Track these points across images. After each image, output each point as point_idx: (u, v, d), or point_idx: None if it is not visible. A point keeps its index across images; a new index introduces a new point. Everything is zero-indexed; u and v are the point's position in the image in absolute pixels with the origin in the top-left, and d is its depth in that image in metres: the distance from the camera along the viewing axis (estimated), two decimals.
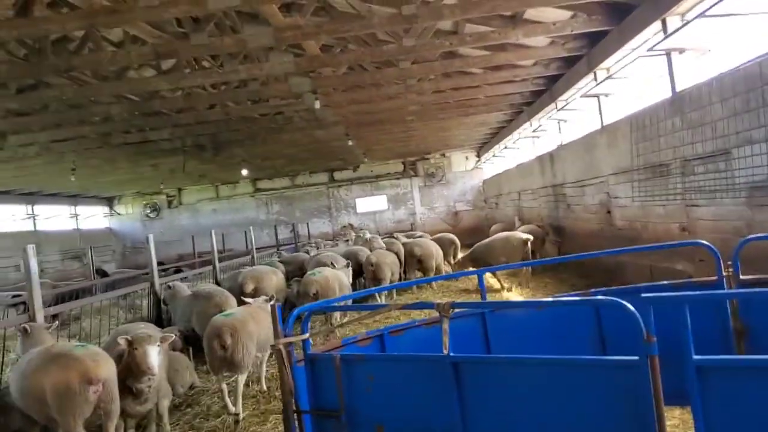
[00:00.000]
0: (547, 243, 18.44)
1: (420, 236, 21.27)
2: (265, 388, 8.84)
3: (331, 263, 13.67)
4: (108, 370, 5.98)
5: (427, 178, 34.65)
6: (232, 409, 7.80)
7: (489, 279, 15.99)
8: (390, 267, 14.94)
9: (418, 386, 4.20)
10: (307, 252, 20.64)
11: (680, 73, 9.74)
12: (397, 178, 34.75)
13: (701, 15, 8.29)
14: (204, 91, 13.54)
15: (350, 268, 14.70)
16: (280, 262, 16.59)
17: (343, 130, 20.26)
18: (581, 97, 14.38)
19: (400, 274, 15.97)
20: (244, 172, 26.20)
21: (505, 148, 26.76)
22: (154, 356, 6.42)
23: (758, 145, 7.41)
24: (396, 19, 9.62)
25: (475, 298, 14.00)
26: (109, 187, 30.06)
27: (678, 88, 9.46)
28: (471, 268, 15.07)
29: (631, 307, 3.29)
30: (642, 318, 3.27)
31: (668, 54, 9.55)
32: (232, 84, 13.49)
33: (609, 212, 13.19)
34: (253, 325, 8.51)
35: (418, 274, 16.53)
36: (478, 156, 34.00)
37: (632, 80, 12.27)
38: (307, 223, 32.76)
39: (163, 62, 12.02)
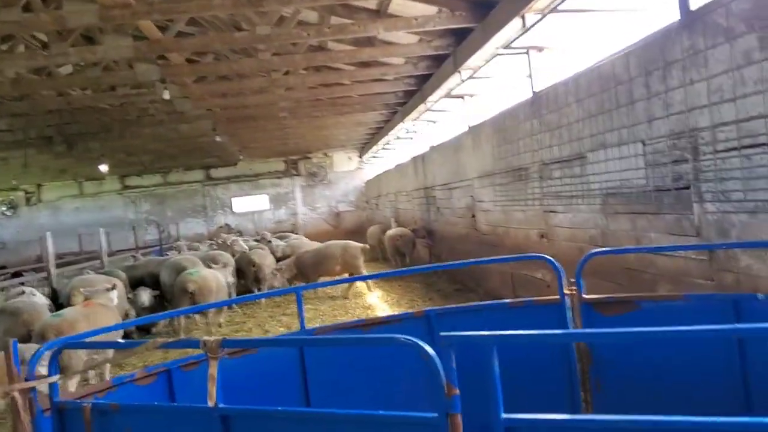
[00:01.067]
0: (419, 245, 18.02)
1: (295, 238, 20.18)
2: None
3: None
4: None
5: (309, 177, 33.71)
6: None
7: (358, 283, 15.31)
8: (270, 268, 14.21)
9: None
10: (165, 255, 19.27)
11: (540, 73, 9.37)
12: (278, 177, 33.57)
13: (554, 10, 7.87)
14: (36, 76, 12.03)
15: (229, 268, 13.69)
16: (129, 267, 15.20)
17: (210, 126, 19.04)
18: (447, 97, 13.93)
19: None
20: (103, 167, 24.25)
21: (382, 149, 26.30)
22: None
23: (612, 149, 7.02)
24: (240, 2, 8.69)
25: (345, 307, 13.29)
26: None
27: (537, 89, 9.07)
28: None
29: (430, 350, 2.56)
30: (442, 363, 2.54)
31: (527, 52, 9.13)
32: (67, 70, 12.05)
33: (474, 216, 12.81)
34: (86, 325, 7.78)
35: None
36: (360, 156, 33.43)
37: (497, 80, 11.90)
38: (177, 224, 30.94)
39: None
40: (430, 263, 17.79)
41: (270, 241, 18.37)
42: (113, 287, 9.43)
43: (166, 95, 12.51)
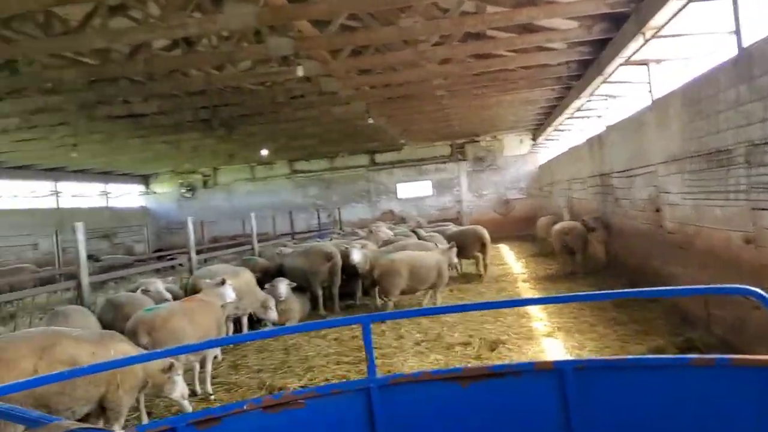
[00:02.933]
0: (594, 242, 15.64)
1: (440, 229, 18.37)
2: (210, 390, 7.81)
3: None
4: None
5: (476, 162, 31.85)
6: None
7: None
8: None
9: None
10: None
11: (752, 24, 6.93)
12: (443, 162, 32.05)
13: None
14: (165, 52, 11.43)
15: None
16: (279, 254, 14.43)
17: (363, 107, 17.90)
18: (626, 64, 11.52)
19: None
20: (264, 152, 24.16)
21: (556, 130, 23.81)
22: None
23: None
24: None
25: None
26: (134, 164, 28.56)
27: (746, 43, 6.66)
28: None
29: None
30: None
31: None
32: (194, 46, 11.30)
33: (658, 210, 10.39)
34: (181, 321, 7.15)
35: None
36: (534, 138, 30.94)
37: (690, 39, 9.39)
38: (339, 209, 30.48)
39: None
40: (605, 263, 15.41)
41: (416, 231, 16.83)
42: (222, 282, 8.39)
43: (300, 72, 11.38)
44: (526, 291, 13.80)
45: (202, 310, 7.60)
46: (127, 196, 33.04)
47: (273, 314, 10.81)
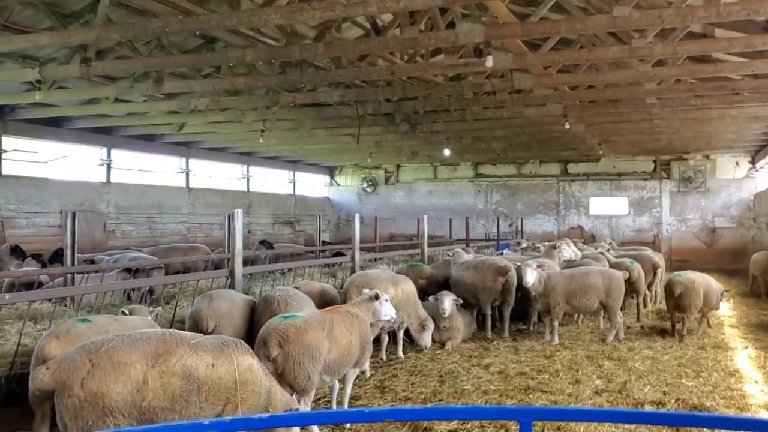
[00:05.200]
0: None
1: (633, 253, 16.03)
2: None
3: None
4: None
5: (682, 182, 28.53)
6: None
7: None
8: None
9: None
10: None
11: None
12: (644, 179, 29.05)
13: None
14: (339, 34, 10.70)
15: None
16: (445, 263, 13.29)
17: (560, 110, 16.20)
18: None
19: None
20: (447, 151, 23.10)
21: None
22: None
23: None
24: None
25: None
26: (320, 154, 28.82)
27: None
28: None
29: None
30: None
31: None
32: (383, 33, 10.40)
33: None
34: (318, 335, 6.24)
35: None
36: (753, 162, 27.07)
37: None
38: (522, 219, 28.67)
39: None
40: None
41: (604, 252, 14.82)
42: (377, 297, 7.31)
43: (490, 62, 10.08)
44: (735, 341, 11.46)
45: (344, 325, 6.59)
46: (313, 185, 33.71)
47: (428, 339, 9.76)
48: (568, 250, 13.17)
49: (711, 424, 2.97)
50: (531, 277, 10.51)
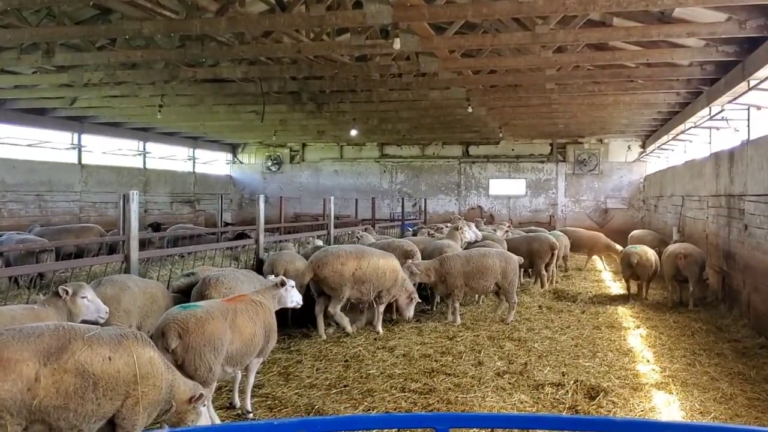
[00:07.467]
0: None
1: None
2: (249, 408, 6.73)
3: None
4: None
5: (577, 165, 29.71)
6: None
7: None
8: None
9: None
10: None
11: None
12: (541, 162, 30.06)
13: None
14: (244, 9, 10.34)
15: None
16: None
17: (463, 94, 16.42)
18: None
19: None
20: (354, 132, 23.02)
21: (674, 139, 21.51)
22: None
23: None
24: None
25: None
26: (222, 131, 27.97)
27: None
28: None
29: None
30: None
31: None
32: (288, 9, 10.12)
33: None
34: (221, 326, 5.98)
35: None
36: (643, 146, 28.51)
37: None
38: (425, 199, 29.05)
39: None
40: (723, 300, 13.41)
41: (502, 232, 15.32)
42: (282, 283, 7.12)
43: (397, 44, 10.05)
44: (627, 320, 12.03)
45: (248, 314, 6.39)
46: (214, 163, 32.78)
47: (412, 311, 10.64)
48: (470, 232, 13.44)
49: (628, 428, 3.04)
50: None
